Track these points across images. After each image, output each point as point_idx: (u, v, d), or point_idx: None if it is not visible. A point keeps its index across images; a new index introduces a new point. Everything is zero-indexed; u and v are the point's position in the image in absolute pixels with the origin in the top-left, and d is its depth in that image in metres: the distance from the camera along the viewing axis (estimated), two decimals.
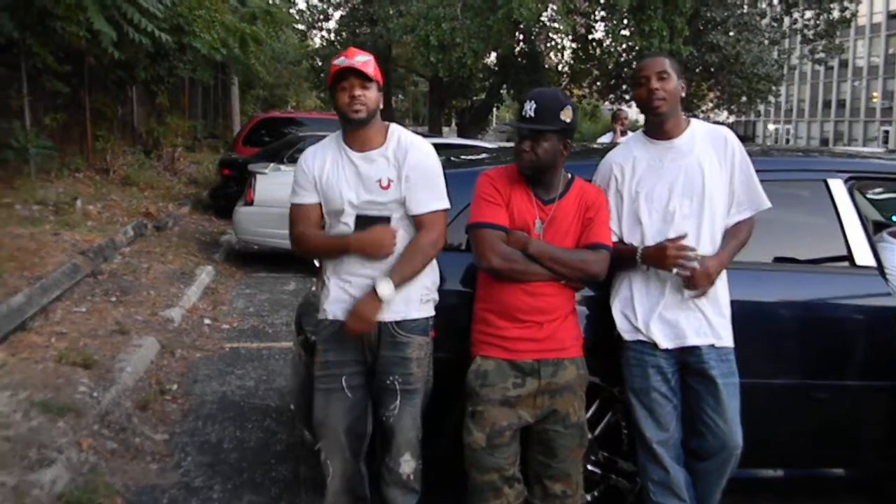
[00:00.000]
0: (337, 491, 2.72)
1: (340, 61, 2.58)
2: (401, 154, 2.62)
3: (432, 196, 2.63)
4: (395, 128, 2.72)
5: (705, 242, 2.67)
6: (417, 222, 2.64)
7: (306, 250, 2.78)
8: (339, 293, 2.68)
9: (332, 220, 2.70)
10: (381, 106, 2.68)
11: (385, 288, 2.55)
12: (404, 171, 2.60)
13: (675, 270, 2.63)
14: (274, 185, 8.26)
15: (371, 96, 2.58)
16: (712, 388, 2.65)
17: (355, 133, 2.64)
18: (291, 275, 8.14)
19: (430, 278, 2.69)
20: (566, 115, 2.60)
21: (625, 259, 2.72)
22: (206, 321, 6.30)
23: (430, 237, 2.62)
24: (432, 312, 2.72)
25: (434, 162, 2.67)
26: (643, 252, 2.67)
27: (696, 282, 2.61)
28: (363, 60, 2.58)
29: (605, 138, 9.24)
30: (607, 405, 2.99)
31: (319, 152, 2.72)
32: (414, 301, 2.64)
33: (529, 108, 2.58)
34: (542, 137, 2.57)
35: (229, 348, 5.69)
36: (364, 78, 2.56)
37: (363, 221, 2.63)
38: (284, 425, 4.23)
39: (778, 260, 3.14)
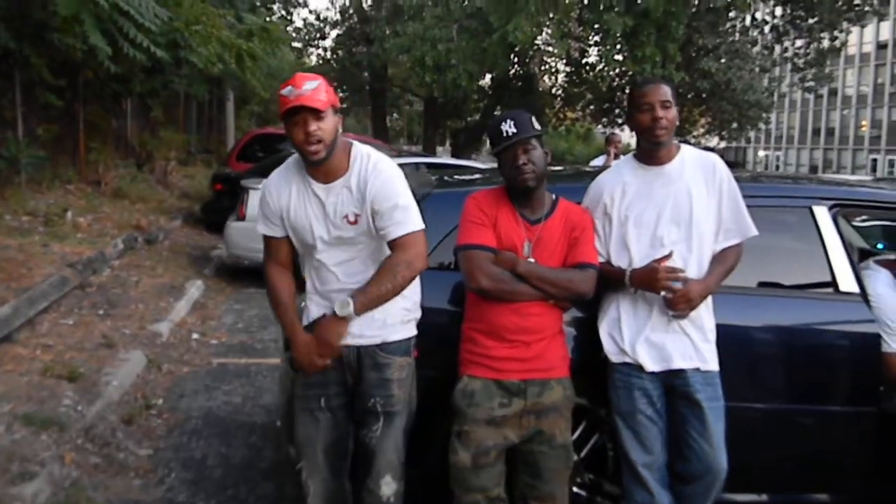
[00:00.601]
0: None
1: (288, 91, 2.40)
2: (362, 185, 2.50)
3: (402, 219, 2.50)
4: (357, 149, 2.57)
5: (693, 268, 2.69)
6: (392, 246, 2.53)
7: (266, 288, 2.67)
8: (318, 312, 2.62)
9: (306, 253, 2.64)
10: (341, 129, 2.54)
11: (343, 309, 2.47)
12: (367, 202, 2.49)
13: (663, 293, 2.64)
14: None
15: (327, 127, 2.42)
16: (698, 411, 2.66)
17: (317, 168, 2.51)
18: None
19: (410, 299, 2.63)
20: (536, 123, 2.71)
21: (613, 280, 2.74)
22: (195, 336, 6.28)
23: (405, 256, 2.49)
24: (414, 332, 2.68)
25: (399, 184, 2.53)
26: (632, 274, 2.68)
27: (675, 303, 2.63)
28: (312, 89, 2.40)
29: (598, 161, 9.30)
30: (594, 427, 3.00)
31: (284, 182, 2.60)
32: (394, 323, 2.60)
33: (508, 126, 2.64)
34: (531, 146, 2.63)
35: (217, 364, 5.67)
36: (316, 112, 2.40)
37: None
38: (270, 442, 4.21)
39: (763, 285, 3.16)
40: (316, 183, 2.54)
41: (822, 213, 3.14)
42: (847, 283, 3.07)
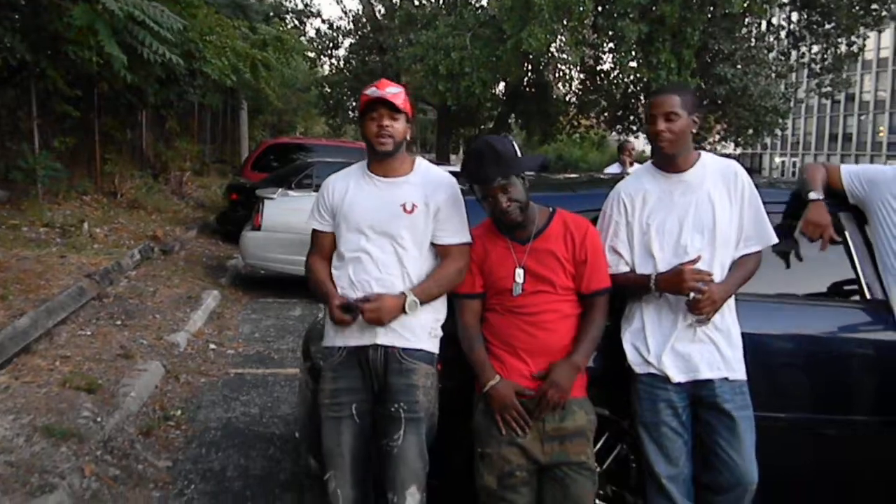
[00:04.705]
0: None
1: (371, 91, 2.65)
2: (430, 186, 2.70)
3: (461, 229, 2.71)
4: (421, 160, 2.81)
5: (716, 275, 2.64)
6: (444, 251, 2.70)
7: (307, 277, 2.82)
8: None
9: (348, 244, 2.70)
10: (410, 138, 2.75)
11: (413, 306, 2.60)
12: (434, 203, 2.67)
13: (691, 295, 2.60)
14: (282, 211, 8.29)
15: (399, 127, 2.66)
16: (728, 421, 2.61)
17: (381, 162, 2.72)
18: (298, 300, 8.12)
19: (441, 312, 2.73)
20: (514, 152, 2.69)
21: (637, 289, 2.71)
22: (212, 346, 6.28)
23: (459, 265, 2.68)
24: (437, 349, 2.70)
25: (461, 196, 2.74)
26: (658, 278, 2.64)
27: (700, 306, 2.58)
28: (393, 92, 2.64)
29: (612, 168, 9.24)
30: (616, 438, 2.95)
31: (343, 180, 2.79)
32: (421, 333, 2.65)
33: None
34: (510, 183, 2.60)
35: (234, 374, 5.66)
36: (393, 109, 2.63)
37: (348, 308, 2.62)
38: (289, 454, 4.19)
39: (789, 293, 3.11)
40: (376, 177, 2.73)
41: (848, 220, 3.09)
42: (874, 290, 3.01)
